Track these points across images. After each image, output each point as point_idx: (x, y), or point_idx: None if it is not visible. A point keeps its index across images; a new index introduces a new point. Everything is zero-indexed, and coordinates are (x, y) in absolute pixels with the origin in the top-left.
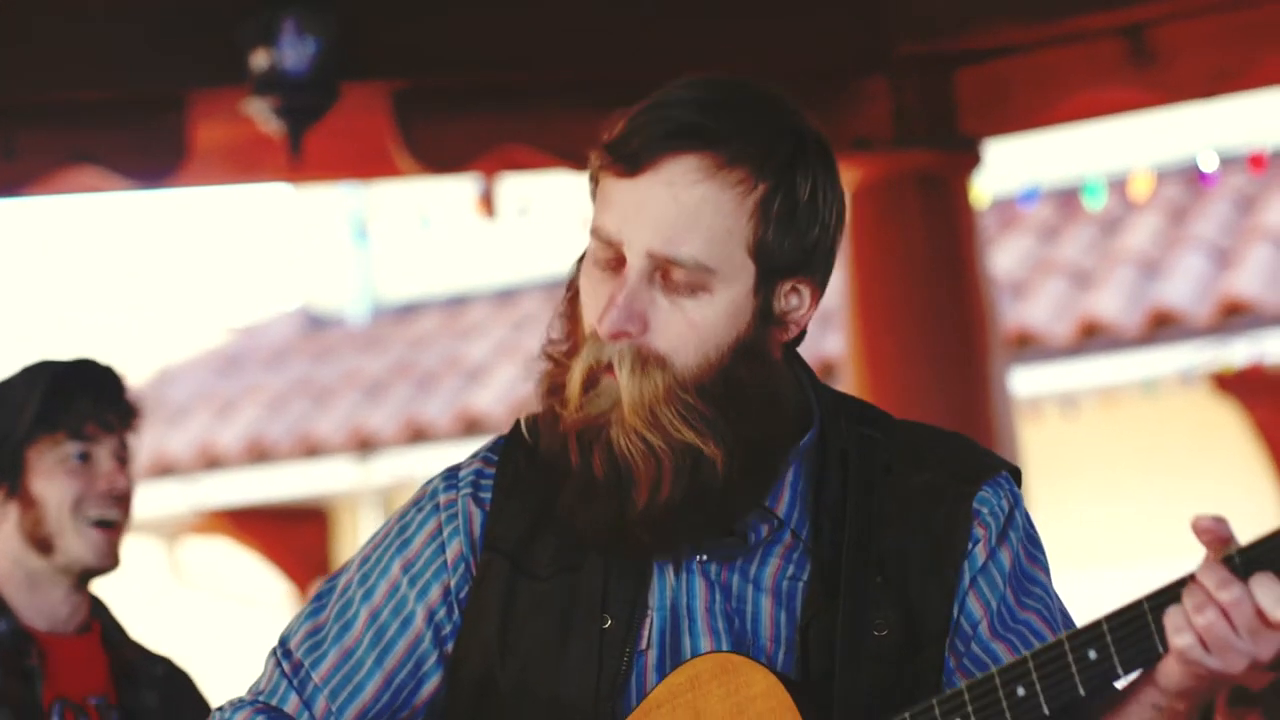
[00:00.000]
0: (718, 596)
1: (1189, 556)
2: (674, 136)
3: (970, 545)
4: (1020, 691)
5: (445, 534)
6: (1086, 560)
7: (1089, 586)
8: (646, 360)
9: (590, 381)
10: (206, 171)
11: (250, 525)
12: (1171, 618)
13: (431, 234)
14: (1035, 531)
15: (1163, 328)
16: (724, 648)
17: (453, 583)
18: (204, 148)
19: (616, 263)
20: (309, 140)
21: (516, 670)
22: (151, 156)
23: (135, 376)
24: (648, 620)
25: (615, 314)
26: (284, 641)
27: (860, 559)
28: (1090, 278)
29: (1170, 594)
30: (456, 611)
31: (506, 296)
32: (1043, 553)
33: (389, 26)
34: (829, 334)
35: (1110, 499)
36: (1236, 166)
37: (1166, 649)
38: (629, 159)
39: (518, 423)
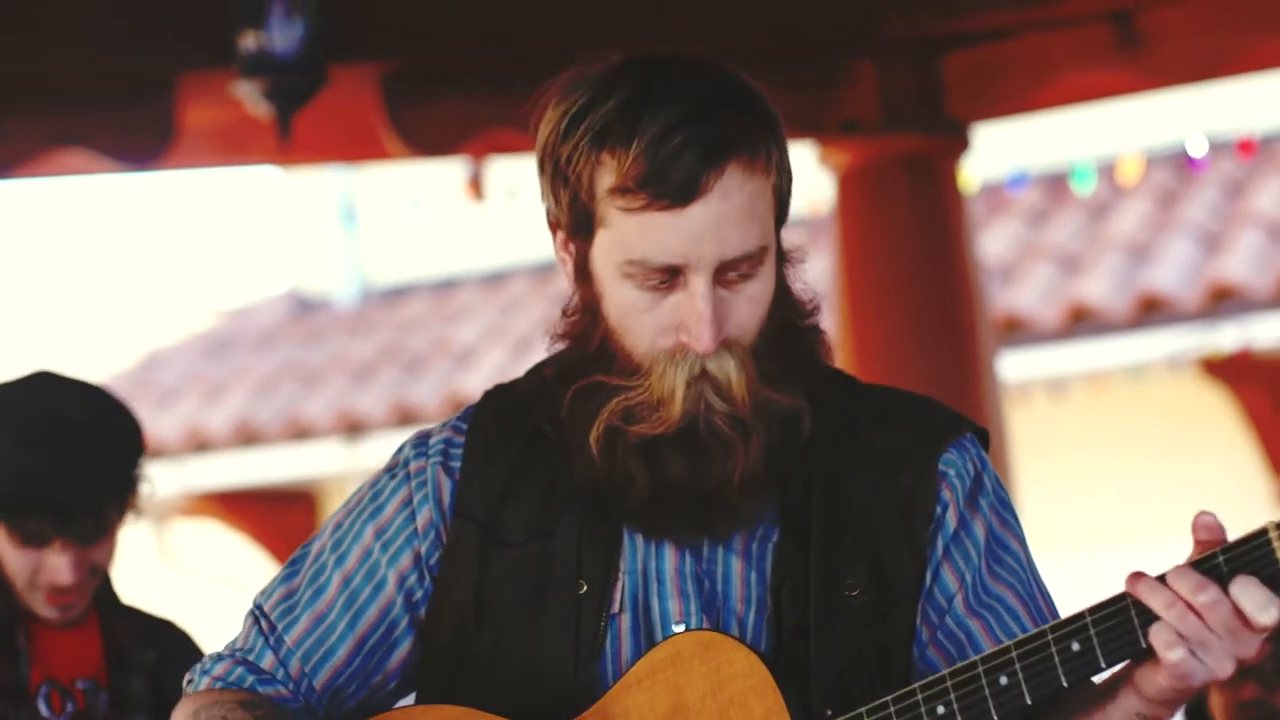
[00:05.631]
0: (687, 558)
1: (1177, 539)
2: (713, 156)
3: (939, 510)
4: (1003, 680)
5: (415, 501)
6: (1074, 543)
7: (1077, 569)
8: (730, 348)
9: (690, 387)
10: (195, 154)
11: (239, 508)
12: (1160, 633)
13: (420, 217)
14: (1005, 493)
15: (1151, 312)
16: (694, 610)
17: (423, 549)
18: (192, 130)
19: (669, 281)
20: (298, 123)
21: (492, 636)
22: (139, 139)
23: (123, 360)
24: (619, 584)
25: (710, 330)
26: (259, 604)
27: (829, 520)
28: (1079, 262)
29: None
30: (428, 578)
31: (495, 280)
32: (1014, 515)
33: (377, 9)
34: None
35: (1098, 483)
36: (1225, 151)
37: (1149, 646)
38: (677, 193)
39: (488, 392)
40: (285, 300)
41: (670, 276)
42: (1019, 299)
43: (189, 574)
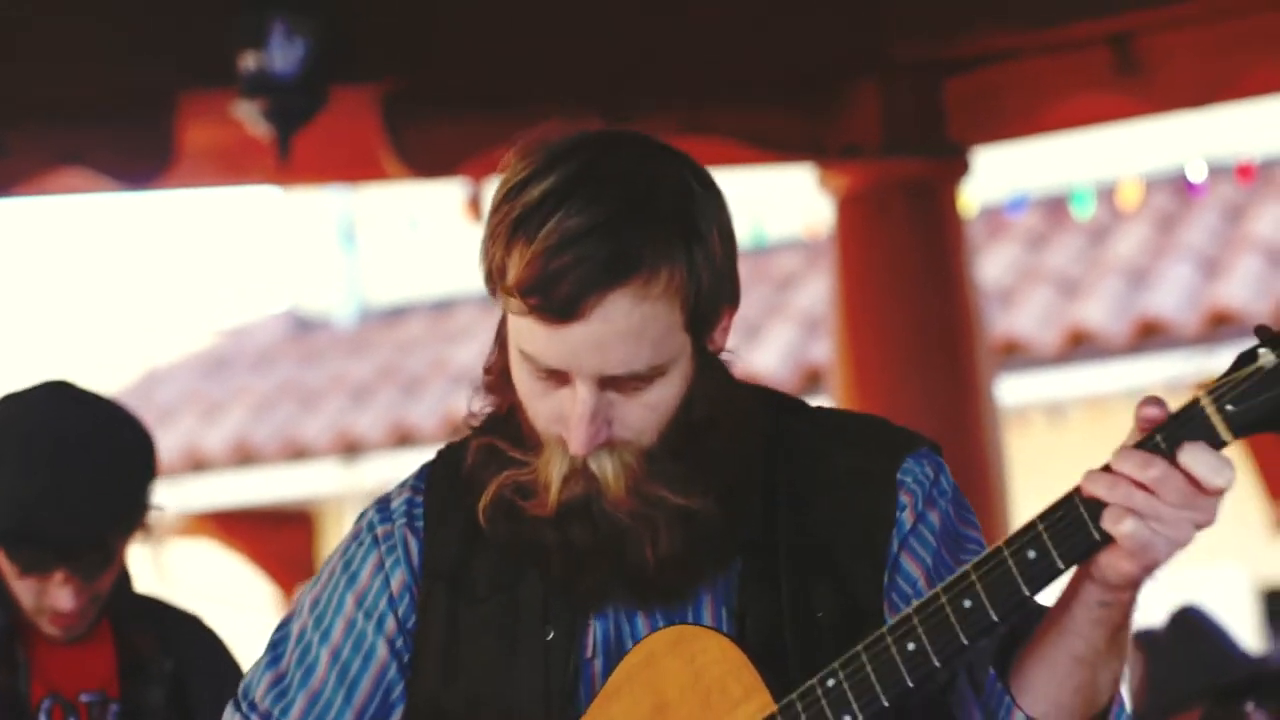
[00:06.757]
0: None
1: (1175, 566)
2: (599, 280)
3: (898, 513)
4: (967, 603)
5: (388, 565)
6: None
7: None
8: (615, 449)
9: (568, 480)
10: (195, 173)
11: (236, 528)
12: (1110, 514)
13: (419, 237)
14: (963, 498)
15: (1150, 337)
16: None
17: (401, 612)
18: (192, 150)
19: (558, 376)
20: (297, 143)
21: (466, 691)
22: (140, 158)
23: (121, 378)
24: (590, 629)
25: (584, 436)
26: (246, 694)
27: (794, 549)
28: (1078, 287)
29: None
30: (410, 640)
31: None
32: (972, 514)
33: (378, 29)
34: (816, 342)
35: None
36: (1225, 176)
37: (1103, 538)
38: (559, 310)
39: (440, 451)
40: (284, 320)
41: (558, 374)
42: (1018, 322)
43: (186, 594)
